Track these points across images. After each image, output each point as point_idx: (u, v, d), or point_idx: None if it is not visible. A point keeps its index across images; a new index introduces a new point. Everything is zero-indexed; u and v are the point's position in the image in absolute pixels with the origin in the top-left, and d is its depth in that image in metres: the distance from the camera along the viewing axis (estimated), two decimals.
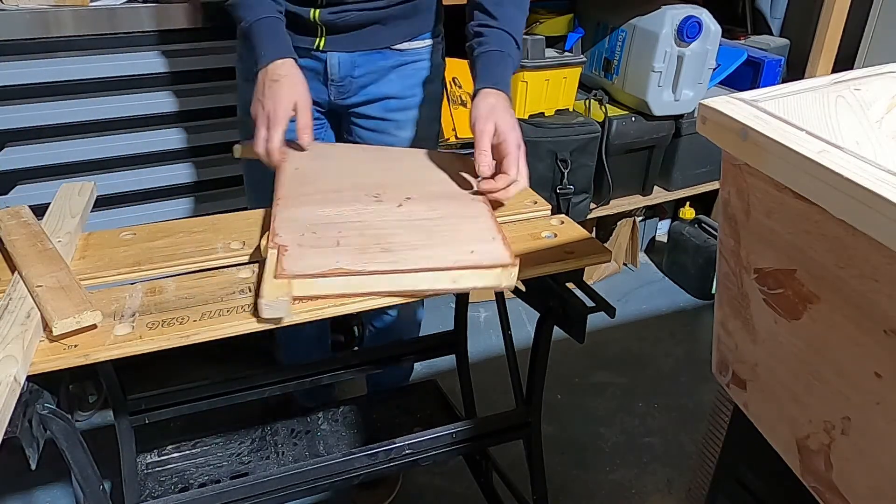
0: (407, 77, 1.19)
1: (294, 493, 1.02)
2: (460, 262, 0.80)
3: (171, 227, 0.96)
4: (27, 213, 0.92)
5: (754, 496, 0.81)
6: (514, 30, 1.03)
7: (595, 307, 0.90)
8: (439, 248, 0.83)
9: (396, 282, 0.79)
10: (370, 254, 0.82)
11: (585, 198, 2.00)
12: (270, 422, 1.36)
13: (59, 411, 0.78)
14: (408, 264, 0.80)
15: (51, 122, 1.37)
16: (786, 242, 0.58)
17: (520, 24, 1.05)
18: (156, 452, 1.27)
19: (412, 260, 0.81)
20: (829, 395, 0.58)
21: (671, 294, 2.28)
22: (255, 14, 1.02)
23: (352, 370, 1.31)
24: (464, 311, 1.35)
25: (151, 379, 1.62)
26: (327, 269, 0.78)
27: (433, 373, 1.76)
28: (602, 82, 2.10)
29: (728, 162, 0.63)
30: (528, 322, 1.94)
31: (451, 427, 1.09)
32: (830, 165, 0.48)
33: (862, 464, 0.56)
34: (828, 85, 0.65)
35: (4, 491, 1.48)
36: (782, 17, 2.33)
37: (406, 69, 1.18)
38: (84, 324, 0.72)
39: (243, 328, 0.77)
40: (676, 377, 1.90)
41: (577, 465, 1.61)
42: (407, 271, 0.79)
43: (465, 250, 0.83)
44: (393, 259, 0.81)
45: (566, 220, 1.00)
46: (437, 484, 1.54)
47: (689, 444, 1.67)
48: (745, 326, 0.68)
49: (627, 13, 1.95)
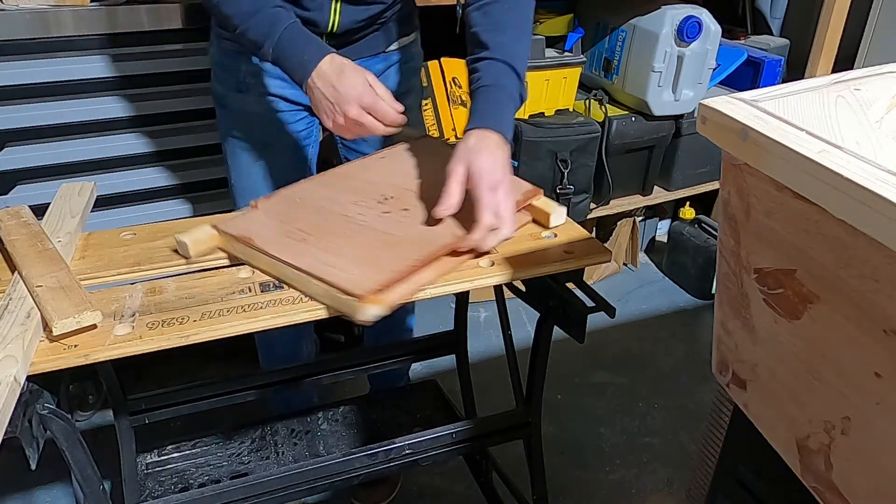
0: (399, 73, 1.22)
1: (294, 493, 1.02)
2: (320, 272, 0.79)
3: (171, 227, 0.95)
4: (27, 213, 0.92)
5: (754, 496, 0.81)
6: (511, 56, 0.95)
7: (595, 307, 0.90)
8: (340, 258, 0.82)
9: (284, 272, 0.82)
10: (295, 241, 0.85)
11: (585, 198, 2.00)
12: (270, 422, 1.36)
13: (59, 411, 0.78)
14: (300, 260, 0.81)
15: (51, 122, 1.37)
16: (786, 242, 0.58)
17: (518, 48, 0.97)
18: (156, 452, 1.27)
19: (311, 258, 0.82)
20: (829, 395, 0.58)
21: (671, 294, 2.28)
22: (279, 26, 0.95)
23: (350, 370, 1.30)
24: (464, 311, 1.35)
25: (151, 379, 1.63)
26: (243, 235, 0.85)
27: (433, 373, 1.76)
28: (602, 82, 2.10)
29: (728, 162, 0.63)
30: (528, 322, 1.94)
31: (451, 427, 1.09)
32: (830, 165, 0.48)
33: (862, 464, 0.56)
34: (828, 85, 0.65)
35: (4, 491, 1.48)
36: (782, 17, 2.33)
37: (398, 67, 1.21)
38: (84, 324, 0.72)
39: (243, 328, 0.77)
40: (676, 377, 1.90)
41: (577, 465, 1.61)
42: (289, 265, 0.81)
43: (343, 265, 0.80)
44: (300, 251, 0.83)
45: (566, 219, 1.00)
46: (437, 484, 1.54)
47: (689, 444, 1.67)
48: (745, 326, 0.68)
49: (627, 13, 1.95)
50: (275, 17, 0.95)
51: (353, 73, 0.95)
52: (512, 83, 0.95)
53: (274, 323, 0.78)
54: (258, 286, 0.83)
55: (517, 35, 0.98)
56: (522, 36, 0.99)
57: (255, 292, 0.82)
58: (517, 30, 0.98)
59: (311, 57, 0.95)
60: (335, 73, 0.94)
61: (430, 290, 0.83)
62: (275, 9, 0.96)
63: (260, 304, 0.79)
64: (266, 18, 0.95)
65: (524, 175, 1.03)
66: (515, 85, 0.95)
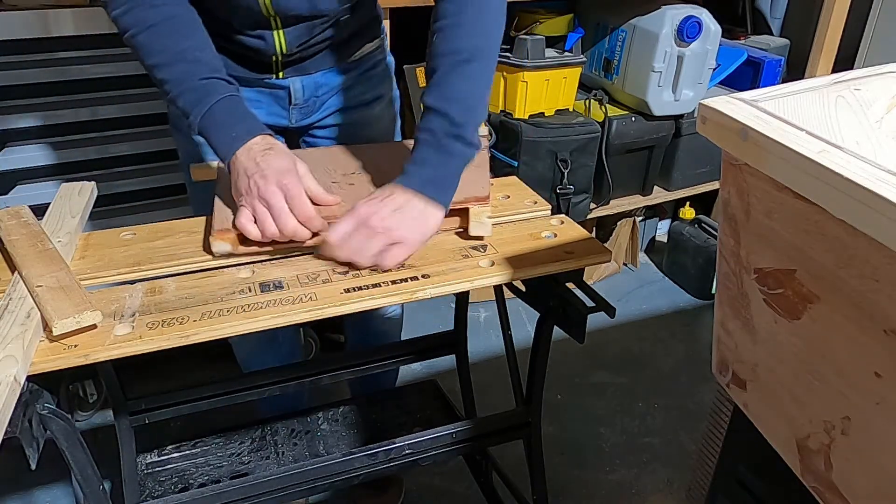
0: (366, 80, 1.15)
1: (294, 493, 1.02)
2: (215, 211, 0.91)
3: (171, 227, 0.96)
4: (27, 213, 0.92)
5: (754, 496, 0.81)
6: (447, 97, 0.85)
7: (595, 307, 0.90)
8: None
9: None
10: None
11: (585, 198, 2.00)
12: (270, 422, 1.36)
13: (59, 411, 0.78)
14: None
15: (51, 122, 1.37)
16: (786, 242, 0.58)
17: (463, 85, 0.86)
18: (156, 452, 1.27)
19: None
20: (829, 395, 0.58)
21: (671, 294, 2.28)
22: (213, 96, 0.87)
23: (350, 370, 1.30)
24: (464, 311, 1.35)
25: (151, 379, 1.63)
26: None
27: (433, 373, 1.76)
28: (602, 82, 2.09)
29: (728, 162, 0.63)
30: (528, 322, 1.93)
31: (451, 427, 1.09)
32: (830, 165, 0.48)
33: (862, 464, 0.56)
34: (828, 85, 0.65)
35: (4, 491, 1.48)
36: (782, 17, 2.33)
37: (364, 74, 1.14)
38: (84, 324, 0.72)
39: (243, 328, 0.77)
40: (676, 377, 1.90)
41: (577, 465, 1.61)
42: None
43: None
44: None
45: (566, 220, 1.00)
46: (437, 484, 1.54)
47: (689, 444, 1.67)
48: (745, 326, 0.68)
49: (627, 13, 1.95)
50: (208, 87, 0.87)
51: (282, 154, 0.87)
52: (443, 130, 0.86)
53: (274, 323, 0.78)
54: (258, 286, 0.83)
55: (465, 75, 0.87)
56: (474, 76, 0.88)
57: (255, 292, 0.82)
58: (468, 64, 0.87)
59: (241, 134, 0.87)
60: (263, 148, 0.87)
61: (430, 290, 0.83)
62: (210, 79, 0.87)
63: (260, 304, 0.79)
64: (199, 87, 0.87)
65: (524, 175, 1.04)
66: (456, 129, 0.86)
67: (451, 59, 0.86)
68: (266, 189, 0.82)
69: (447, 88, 0.86)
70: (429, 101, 0.87)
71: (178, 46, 0.87)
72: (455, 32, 0.87)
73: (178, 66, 0.87)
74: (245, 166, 0.85)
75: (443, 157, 0.86)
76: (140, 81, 1.40)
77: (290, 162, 0.86)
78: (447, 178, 0.87)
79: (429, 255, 0.90)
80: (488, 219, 0.92)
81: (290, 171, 0.85)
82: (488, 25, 0.89)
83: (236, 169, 0.86)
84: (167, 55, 0.87)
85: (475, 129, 0.88)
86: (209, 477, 1.23)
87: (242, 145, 0.86)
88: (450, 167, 0.87)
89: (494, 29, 0.90)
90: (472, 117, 0.87)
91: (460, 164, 0.88)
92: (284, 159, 0.86)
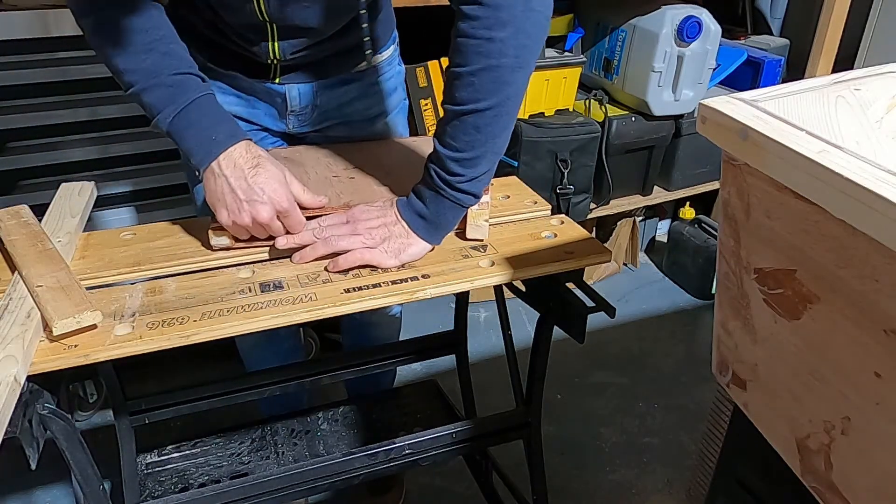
0: (372, 94, 1.10)
1: (294, 493, 1.02)
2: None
3: (170, 227, 0.96)
4: (27, 212, 0.92)
5: (754, 496, 0.81)
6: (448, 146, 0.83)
7: (595, 307, 0.90)
8: None
9: None
10: None
11: (585, 198, 2.00)
12: (270, 422, 1.36)
13: (59, 411, 0.78)
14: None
15: (51, 122, 1.37)
16: (786, 242, 0.58)
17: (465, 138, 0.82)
18: (156, 452, 1.27)
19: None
20: (829, 394, 0.58)
21: (671, 294, 2.28)
22: (188, 94, 0.82)
23: (350, 370, 1.30)
24: (464, 311, 1.35)
25: (151, 379, 1.63)
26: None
27: (433, 373, 1.76)
28: (602, 82, 2.10)
29: (728, 162, 0.63)
30: (528, 322, 1.94)
31: (451, 427, 1.09)
32: (830, 165, 0.48)
33: (862, 464, 0.56)
34: (828, 85, 0.65)
35: (4, 491, 1.48)
36: (782, 17, 2.33)
37: (371, 86, 1.10)
38: (84, 324, 0.72)
39: (243, 328, 0.77)
40: (676, 377, 1.90)
41: (577, 465, 1.61)
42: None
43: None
44: None
45: (566, 220, 1.00)
46: (437, 484, 1.54)
47: (689, 444, 1.67)
48: (745, 326, 0.68)
49: (627, 13, 1.95)
50: (183, 83, 0.82)
51: (271, 168, 0.83)
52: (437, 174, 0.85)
53: (274, 323, 0.78)
54: (258, 286, 0.83)
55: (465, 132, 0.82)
56: (472, 131, 0.82)
57: (255, 292, 0.82)
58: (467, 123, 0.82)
59: (221, 138, 0.82)
60: (250, 163, 0.82)
61: (431, 290, 0.83)
62: (184, 75, 0.83)
63: (260, 304, 0.79)
64: (172, 83, 0.81)
65: (524, 175, 1.04)
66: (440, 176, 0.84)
67: (457, 109, 0.81)
68: (264, 215, 0.82)
69: (448, 139, 0.83)
70: (435, 143, 0.85)
71: (147, 37, 0.82)
72: (467, 81, 0.79)
73: (147, 56, 0.81)
74: (232, 184, 0.81)
75: (438, 204, 0.86)
76: None
77: (280, 177, 0.84)
78: (440, 222, 0.87)
79: (429, 256, 0.90)
80: (485, 222, 0.93)
81: (286, 194, 0.84)
82: (505, 77, 0.79)
83: (220, 182, 0.82)
84: (134, 46, 0.81)
85: (478, 180, 0.85)
86: (209, 477, 1.23)
87: (223, 151, 0.82)
88: (444, 214, 0.87)
89: (515, 79, 0.81)
90: (471, 169, 0.84)
91: (456, 212, 0.88)
92: (275, 176, 0.83)
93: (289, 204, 0.83)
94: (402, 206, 0.88)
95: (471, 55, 0.78)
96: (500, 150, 0.85)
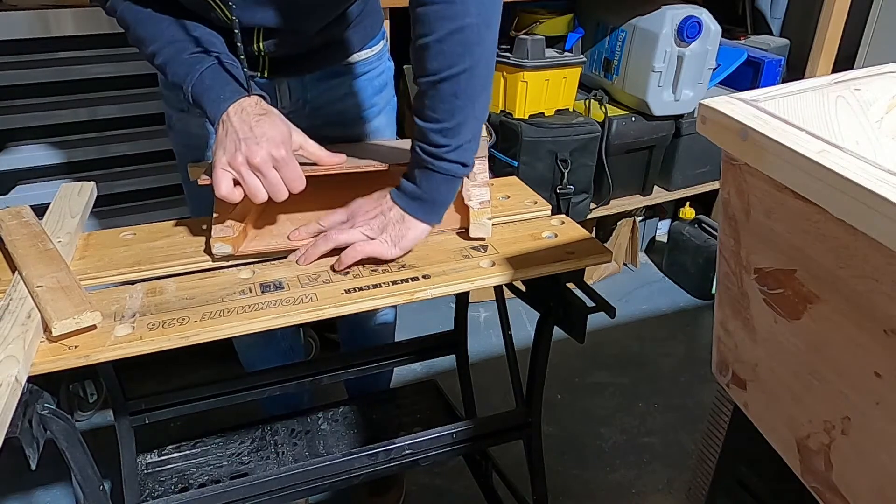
0: (362, 90, 1.10)
1: (294, 493, 1.02)
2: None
3: (170, 227, 0.96)
4: (28, 212, 0.92)
5: (754, 496, 0.81)
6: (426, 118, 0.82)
7: (595, 307, 0.90)
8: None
9: None
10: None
11: (585, 198, 2.00)
12: (270, 422, 1.36)
13: (59, 411, 0.78)
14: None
15: (51, 122, 1.37)
16: (786, 242, 0.58)
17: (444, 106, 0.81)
18: (156, 452, 1.27)
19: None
20: (829, 395, 0.58)
21: (671, 294, 2.28)
22: (201, 65, 0.86)
23: (350, 370, 1.30)
24: (464, 311, 1.35)
25: (151, 379, 1.63)
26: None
27: (433, 373, 1.76)
28: (602, 82, 2.10)
29: (728, 162, 0.63)
30: (528, 322, 1.94)
31: (451, 427, 1.09)
32: (830, 165, 0.48)
33: (862, 464, 0.56)
34: (828, 85, 0.65)
35: (4, 491, 1.48)
36: (782, 17, 2.33)
37: (361, 81, 1.10)
38: (84, 324, 0.72)
39: (244, 329, 0.77)
40: (676, 377, 1.90)
41: (577, 465, 1.61)
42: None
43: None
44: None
45: (566, 220, 1.00)
46: (437, 484, 1.54)
47: (689, 444, 1.67)
48: (745, 326, 0.68)
49: (627, 13, 1.95)
50: (197, 58, 0.87)
51: (277, 121, 0.83)
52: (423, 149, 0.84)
53: (275, 324, 0.78)
54: (258, 286, 0.83)
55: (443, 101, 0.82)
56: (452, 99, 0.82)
57: (256, 293, 0.82)
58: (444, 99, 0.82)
59: (228, 95, 0.84)
60: (258, 111, 0.83)
61: (431, 291, 0.83)
62: (197, 53, 0.87)
63: (260, 305, 0.79)
64: (187, 61, 0.87)
65: (524, 175, 1.04)
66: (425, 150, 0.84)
67: (432, 79, 0.81)
68: (259, 155, 0.80)
69: (428, 111, 0.83)
70: (416, 120, 0.84)
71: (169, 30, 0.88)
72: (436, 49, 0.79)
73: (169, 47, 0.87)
74: (237, 128, 0.82)
75: (429, 180, 0.86)
76: (140, 81, 1.40)
77: (286, 131, 0.84)
78: (435, 198, 0.87)
79: (429, 256, 0.90)
80: (489, 220, 0.93)
81: (285, 142, 0.82)
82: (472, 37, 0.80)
83: (226, 129, 0.82)
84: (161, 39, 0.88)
85: (464, 148, 0.84)
86: (209, 477, 1.24)
87: (232, 104, 0.83)
88: (437, 189, 0.86)
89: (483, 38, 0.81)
90: (455, 138, 0.83)
91: (450, 185, 0.87)
92: (280, 127, 0.83)
93: (286, 153, 0.82)
94: (396, 193, 0.88)
95: (434, 22, 0.78)
96: (481, 114, 0.85)
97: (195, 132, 1.08)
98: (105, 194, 1.44)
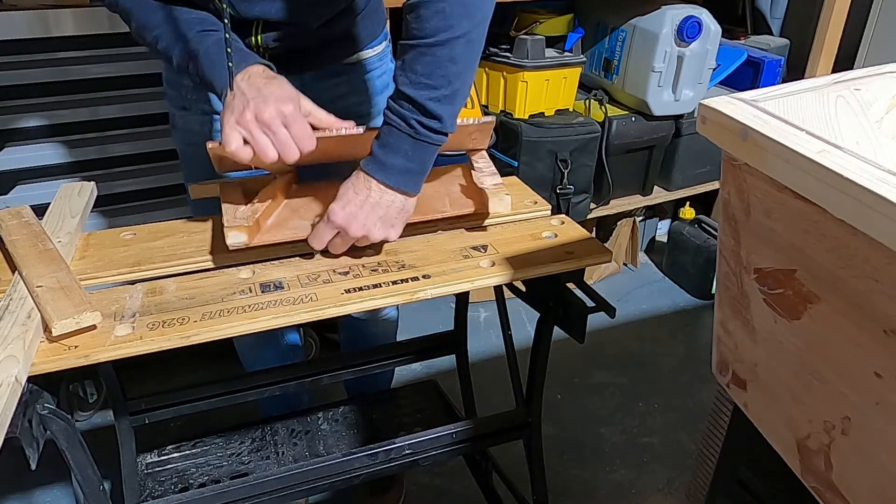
0: (363, 91, 1.08)
1: (294, 493, 1.02)
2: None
3: (171, 227, 0.96)
4: (28, 213, 0.92)
5: (754, 496, 0.81)
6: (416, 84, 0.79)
7: (595, 307, 0.90)
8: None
9: None
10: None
11: (585, 198, 2.00)
12: (270, 422, 1.36)
13: (59, 411, 0.78)
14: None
15: (51, 122, 1.37)
16: (786, 242, 0.58)
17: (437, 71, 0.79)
18: (156, 452, 1.27)
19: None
20: (829, 395, 0.58)
21: (671, 294, 2.28)
22: (206, 41, 0.86)
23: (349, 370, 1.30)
24: (464, 311, 1.35)
25: (151, 379, 1.63)
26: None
27: (433, 373, 1.76)
28: (602, 82, 2.10)
29: (728, 162, 0.63)
30: (528, 322, 1.94)
31: (451, 427, 1.09)
32: (830, 165, 0.48)
33: (862, 464, 0.56)
34: (828, 85, 0.65)
35: (4, 491, 1.48)
36: (782, 17, 2.33)
37: (361, 82, 1.08)
38: (83, 324, 0.72)
39: (244, 328, 0.77)
40: (676, 377, 1.90)
41: (577, 465, 1.61)
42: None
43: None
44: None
45: (566, 220, 1.00)
46: (437, 484, 1.54)
47: (689, 444, 1.67)
48: (745, 326, 0.68)
49: (627, 13, 1.95)
50: (201, 36, 0.87)
51: (286, 86, 0.83)
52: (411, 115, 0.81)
53: (275, 323, 0.78)
54: (258, 286, 0.83)
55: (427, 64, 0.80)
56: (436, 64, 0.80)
57: (256, 293, 0.82)
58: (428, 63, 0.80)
59: (238, 63, 0.83)
60: (266, 76, 0.83)
61: (431, 291, 0.83)
62: (202, 32, 0.87)
63: (260, 305, 0.79)
64: (192, 39, 0.86)
65: (524, 175, 1.04)
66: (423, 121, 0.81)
67: (429, 41, 0.78)
68: (268, 112, 0.79)
69: (422, 77, 0.79)
70: (403, 89, 0.80)
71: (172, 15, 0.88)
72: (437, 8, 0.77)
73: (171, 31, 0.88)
74: (244, 89, 0.81)
75: (422, 151, 0.83)
76: (140, 81, 1.40)
77: (294, 92, 0.83)
78: (424, 169, 0.85)
79: (429, 256, 0.90)
80: (507, 195, 0.93)
81: (293, 101, 0.81)
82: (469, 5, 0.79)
83: (235, 93, 0.81)
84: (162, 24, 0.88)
85: (455, 117, 0.83)
86: (209, 477, 1.24)
87: (244, 70, 0.83)
88: (427, 159, 0.84)
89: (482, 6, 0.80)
90: (451, 106, 0.81)
91: (435, 152, 0.84)
92: (288, 88, 0.82)
93: (294, 109, 0.81)
94: (376, 171, 0.83)
95: None
96: (470, 83, 0.83)
97: (196, 129, 1.08)
98: (105, 194, 1.44)
